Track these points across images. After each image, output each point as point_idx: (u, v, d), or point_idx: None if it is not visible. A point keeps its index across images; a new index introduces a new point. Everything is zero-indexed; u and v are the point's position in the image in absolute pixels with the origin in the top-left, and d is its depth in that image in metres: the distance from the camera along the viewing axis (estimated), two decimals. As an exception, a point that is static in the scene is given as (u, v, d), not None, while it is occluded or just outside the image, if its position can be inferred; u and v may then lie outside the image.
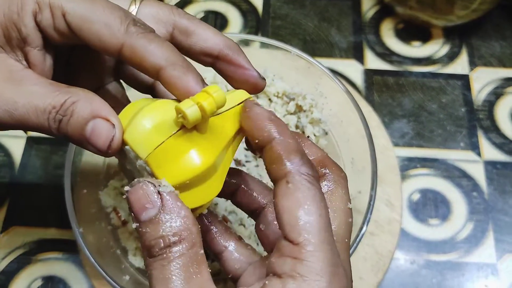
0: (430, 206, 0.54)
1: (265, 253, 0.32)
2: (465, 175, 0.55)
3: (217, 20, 0.65)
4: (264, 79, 0.31)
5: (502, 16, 0.66)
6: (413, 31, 0.65)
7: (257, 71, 0.31)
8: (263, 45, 0.49)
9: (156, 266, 0.24)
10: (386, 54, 0.63)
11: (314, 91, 0.49)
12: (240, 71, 0.30)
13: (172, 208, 0.24)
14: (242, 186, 0.32)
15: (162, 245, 0.24)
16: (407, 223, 0.53)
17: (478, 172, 0.55)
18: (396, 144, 0.57)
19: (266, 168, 0.26)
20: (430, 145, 0.57)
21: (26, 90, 0.27)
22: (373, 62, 0.63)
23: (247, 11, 0.66)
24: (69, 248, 0.51)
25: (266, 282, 0.23)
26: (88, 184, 0.45)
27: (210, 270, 0.25)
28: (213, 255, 0.33)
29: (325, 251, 0.23)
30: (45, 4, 0.27)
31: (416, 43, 0.64)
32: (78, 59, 0.32)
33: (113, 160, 0.49)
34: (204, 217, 0.32)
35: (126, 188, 0.25)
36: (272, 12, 0.66)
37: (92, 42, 0.27)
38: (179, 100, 0.27)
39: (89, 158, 0.46)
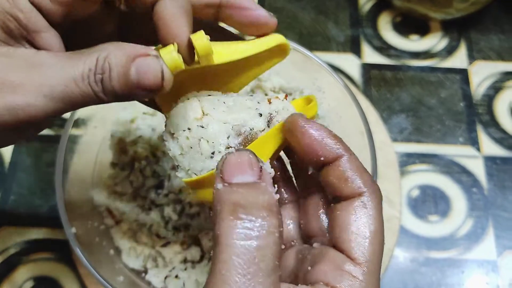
0: (429, 202, 0.53)
1: None
2: (464, 170, 0.54)
3: (211, 14, 0.64)
4: (273, 15, 0.29)
5: (501, 9, 0.65)
6: (411, 24, 0.64)
7: (264, 10, 0.29)
8: (259, 39, 0.47)
9: (233, 231, 0.21)
10: (383, 48, 0.62)
11: (312, 85, 0.47)
12: (245, 13, 0.28)
13: (269, 184, 0.23)
14: None
15: (255, 212, 0.22)
16: (406, 220, 0.52)
17: (477, 168, 0.55)
18: (394, 140, 0.56)
19: (330, 184, 0.26)
20: (429, 140, 0.56)
21: (54, 67, 0.24)
22: (370, 56, 0.61)
23: (242, 5, 0.65)
24: (61, 248, 0.50)
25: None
26: (80, 183, 0.44)
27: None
28: None
29: (377, 279, 0.24)
30: None
31: (414, 37, 0.63)
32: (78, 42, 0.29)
33: (105, 158, 0.47)
34: None
35: (231, 150, 0.25)
36: (268, 5, 0.65)
37: None
38: None
39: (81, 156, 0.45)
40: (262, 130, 0.28)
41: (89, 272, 0.37)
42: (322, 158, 0.26)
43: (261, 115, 0.28)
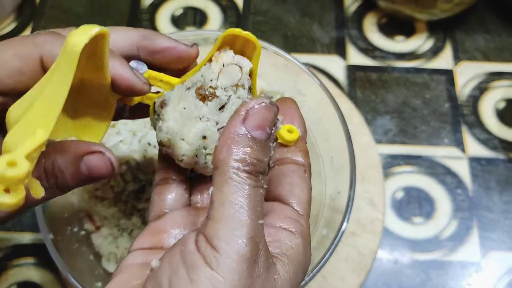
0: (413, 204, 0.53)
1: None
2: (449, 172, 0.54)
3: (196, 17, 0.64)
4: (194, 44, 0.30)
5: (486, 9, 0.65)
6: (396, 25, 0.64)
7: (183, 44, 0.30)
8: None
9: (245, 183, 0.23)
10: (369, 49, 0.62)
11: (292, 88, 0.47)
12: (168, 54, 0.30)
13: (272, 143, 0.26)
14: None
15: (262, 169, 0.24)
16: (390, 222, 0.52)
17: (462, 169, 0.54)
18: (379, 141, 0.56)
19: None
20: (414, 141, 0.56)
21: None
22: (355, 57, 0.61)
23: (227, 7, 0.65)
24: (44, 253, 0.49)
25: (279, 236, 0.26)
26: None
27: None
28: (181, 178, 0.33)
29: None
30: None
31: (400, 38, 0.63)
32: None
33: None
34: None
35: (257, 101, 0.26)
36: (253, 7, 0.65)
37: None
38: None
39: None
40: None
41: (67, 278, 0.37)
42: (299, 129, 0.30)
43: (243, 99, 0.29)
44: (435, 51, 0.62)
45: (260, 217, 0.23)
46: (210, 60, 0.29)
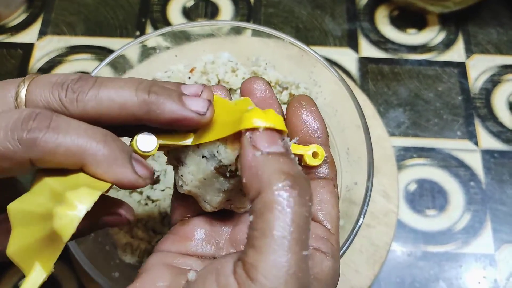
0: (427, 196, 0.53)
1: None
2: (462, 164, 0.54)
3: (207, 8, 0.63)
4: (209, 105, 0.26)
5: (499, 2, 0.65)
6: (408, 18, 0.63)
7: (193, 112, 0.26)
8: (255, 32, 0.47)
9: (288, 206, 0.21)
10: (381, 41, 0.62)
11: (308, 79, 0.47)
12: (176, 125, 0.26)
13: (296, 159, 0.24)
14: None
15: (303, 179, 0.22)
16: (403, 214, 0.52)
17: (475, 162, 0.54)
18: (392, 134, 0.56)
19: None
20: (427, 134, 0.56)
21: None
22: (367, 50, 0.61)
23: (239, -1, 0.64)
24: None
25: (311, 258, 0.25)
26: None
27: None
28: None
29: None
30: None
31: (412, 31, 0.63)
32: None
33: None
34: None
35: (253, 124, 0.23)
36: (264, -1, 0.65)
37: None
38: None
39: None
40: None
41: (84, 268, 0.37)
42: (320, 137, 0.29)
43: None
44: (447, 44, 0.62)
45: (304, 248, 0.21)
46: (225, 140, 0.26)
